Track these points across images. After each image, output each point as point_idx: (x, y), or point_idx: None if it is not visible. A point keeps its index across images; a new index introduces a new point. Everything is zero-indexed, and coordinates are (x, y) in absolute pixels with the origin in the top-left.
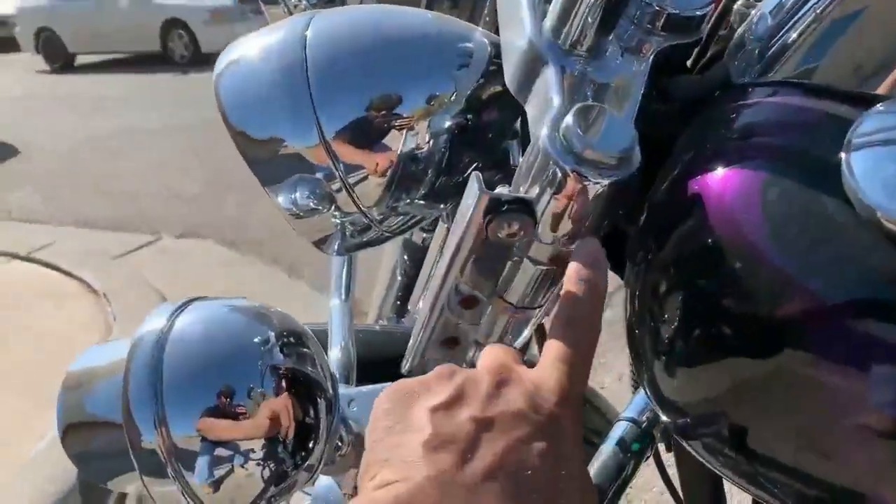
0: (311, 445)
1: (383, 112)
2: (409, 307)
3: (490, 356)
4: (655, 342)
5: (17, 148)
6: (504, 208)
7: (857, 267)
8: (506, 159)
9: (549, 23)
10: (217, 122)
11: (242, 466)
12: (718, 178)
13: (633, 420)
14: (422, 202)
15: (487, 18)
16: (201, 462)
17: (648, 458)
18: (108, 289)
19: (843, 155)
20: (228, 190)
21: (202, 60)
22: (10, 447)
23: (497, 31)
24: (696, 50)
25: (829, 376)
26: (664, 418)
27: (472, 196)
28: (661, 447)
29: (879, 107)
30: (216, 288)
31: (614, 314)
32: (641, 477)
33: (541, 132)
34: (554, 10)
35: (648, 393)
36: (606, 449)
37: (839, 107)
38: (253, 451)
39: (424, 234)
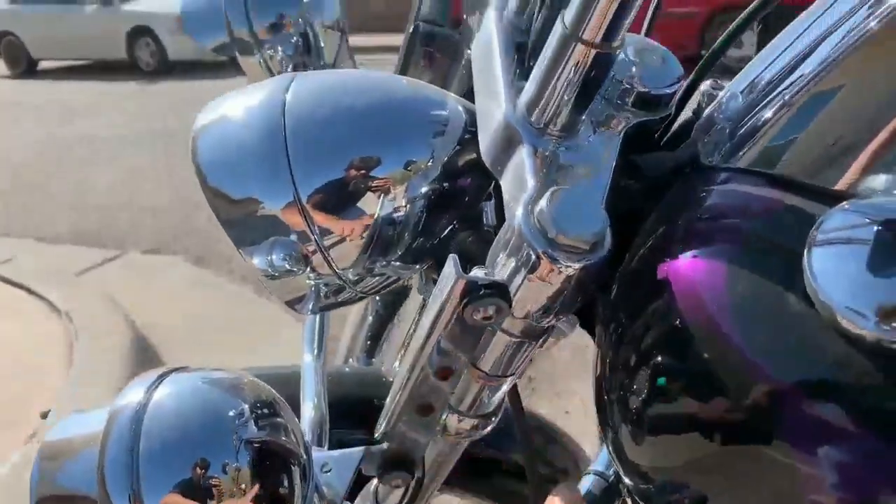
0: None
1: (360, 176)
2: (376, 354)
3: None
4: (623, 409)
5: None
6: (480, 293)
7: (815, 360)
8: (480, 220)
9: (524, 101)
10: (185, 133)
11: None
12: (686, 262)
13: (600, 474)
14: (397, 264)
15: (459, 81)
16: None
17: None
18: (70, 307)
19: (805, 252)
20: (196, 203)
21: (169, 69)
22: None
23: (467, 95)
24: (664, 124)
25: (784, 456)
26: (626, 480)
27: (449, 279)
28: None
29: (844, 205)
30: (183, 308)
31: (582, 339)
32: None
33: (516, 212)
34: (529, 89)
35: (612, 453)
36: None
37: (805, 201)
38: None
39: None
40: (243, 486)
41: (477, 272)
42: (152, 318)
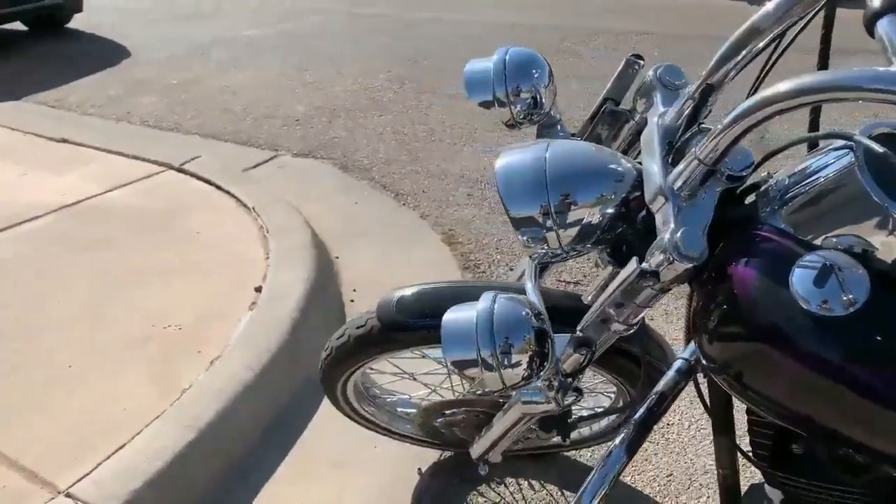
0: (545, 364)
1: (576, 200)
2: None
3: None
4: (706, 324)
5: (128, 50)
6: (647, 275)
7: (790, 315)
8: (636, 224)
9: (671, 178)
10: (310, 35)
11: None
12: (740, 265)
13: (685, 359)
14: (590, 245)
15: (623, 140)
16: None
17: (689, 381)
18: (255, 203)
19: (791, 272)
20: (333, 111)
21: None
22: (214, 332)
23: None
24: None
25: (770, 352)
26: (704, 361)
27: (632, 266)
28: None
29: (809, 255)
30: (338, 208)
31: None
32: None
33: (664, 237)
34: (677, 172)
35: (698, 346)
36: (669, 373)
37: (796, 246)
38: (520, 364)
39: None
40: (531, 346)
41: (644, 265)
42: (315, 215)
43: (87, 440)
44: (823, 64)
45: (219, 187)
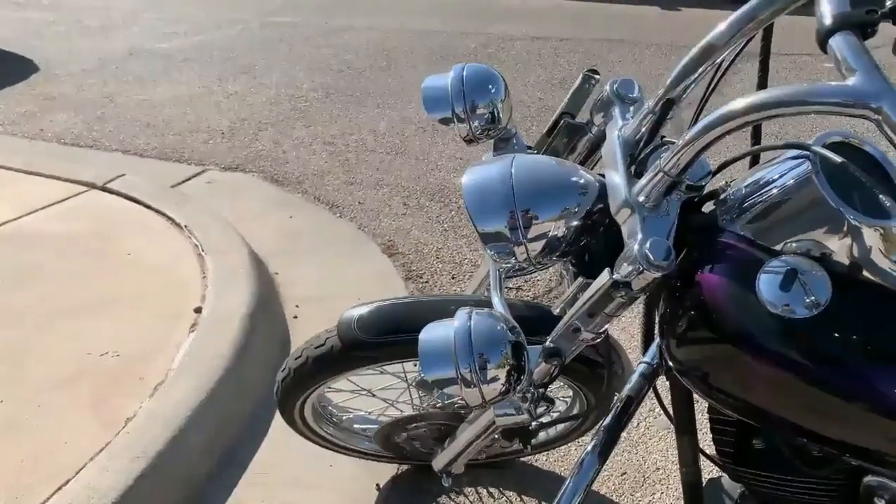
0: (522, 377)
1: (543, 214)
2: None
3: None
4: (672, 327)
5: (36, 64)
6: (620, 286)
7: (756, 318)
8: (599, 234)
9: (635, 190)
10: (227, 47)
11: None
12: (706, 272)
13: (648, 363)
14: (555, 258)
15: (580, 154)
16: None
17: (655, 382)
18: (189, 222)
19: (757, 277)
20: (259, 123)
21: None
22: (155, 357)
23: (585, 160)
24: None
25: (735, 352)
26: (670, 363)
27: (604, 277)
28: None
29: (773, 260)
30: (273, 221)
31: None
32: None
33: (633, 248)
34: (641, 184)
35: (664, 349)
36: (634, 377)
37: (760, 253)
38: (498, 379)
39: None
40: (509, 360)
41: (616, 276)
42: (250, 231)
43: (27, 478)
44: (763, 72)
45: (147, 206)
